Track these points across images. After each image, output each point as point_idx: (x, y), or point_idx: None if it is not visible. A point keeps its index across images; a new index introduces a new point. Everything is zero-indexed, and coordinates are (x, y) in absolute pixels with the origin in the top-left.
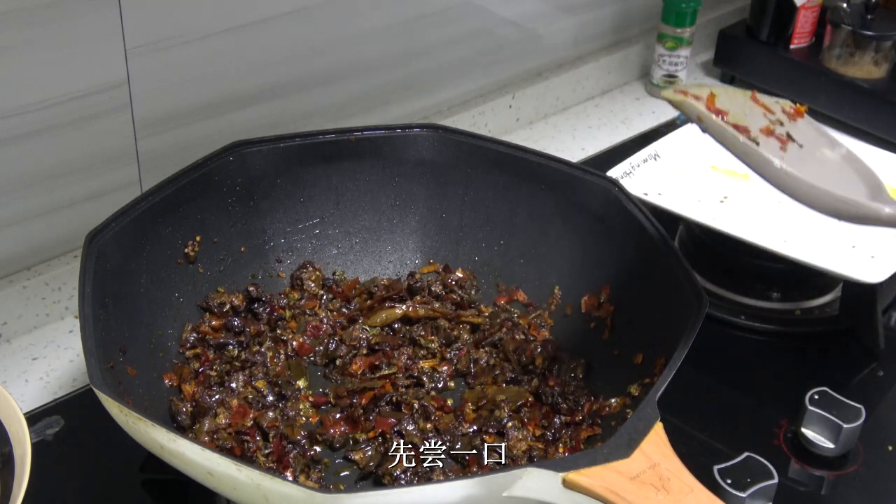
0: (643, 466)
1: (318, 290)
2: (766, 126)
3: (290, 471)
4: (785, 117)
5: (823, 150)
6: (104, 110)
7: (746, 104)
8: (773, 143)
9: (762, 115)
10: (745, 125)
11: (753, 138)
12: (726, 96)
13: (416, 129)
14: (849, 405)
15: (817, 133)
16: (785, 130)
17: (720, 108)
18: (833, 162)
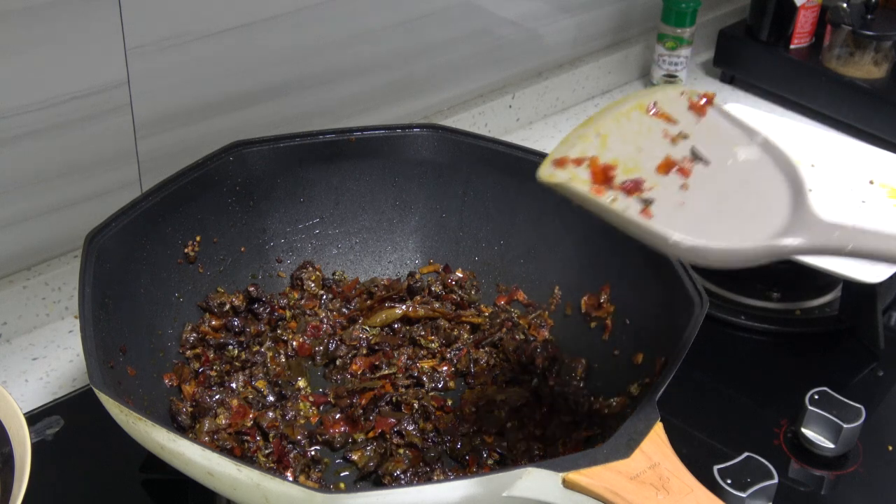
0: (643, 466)
1: (318, 290)
2: (664, 159)
3: (290, 471)
4: (691, 117)
5: (737, 150)
6: (104, 110)
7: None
8: (673, 182)
9: (662, 134)
10: (636, 177)
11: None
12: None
13: (416, 129)
14: (849, 405)
15: (729, 125)
16: (690, 146)
17: (607, 165)
18: (748, 164)
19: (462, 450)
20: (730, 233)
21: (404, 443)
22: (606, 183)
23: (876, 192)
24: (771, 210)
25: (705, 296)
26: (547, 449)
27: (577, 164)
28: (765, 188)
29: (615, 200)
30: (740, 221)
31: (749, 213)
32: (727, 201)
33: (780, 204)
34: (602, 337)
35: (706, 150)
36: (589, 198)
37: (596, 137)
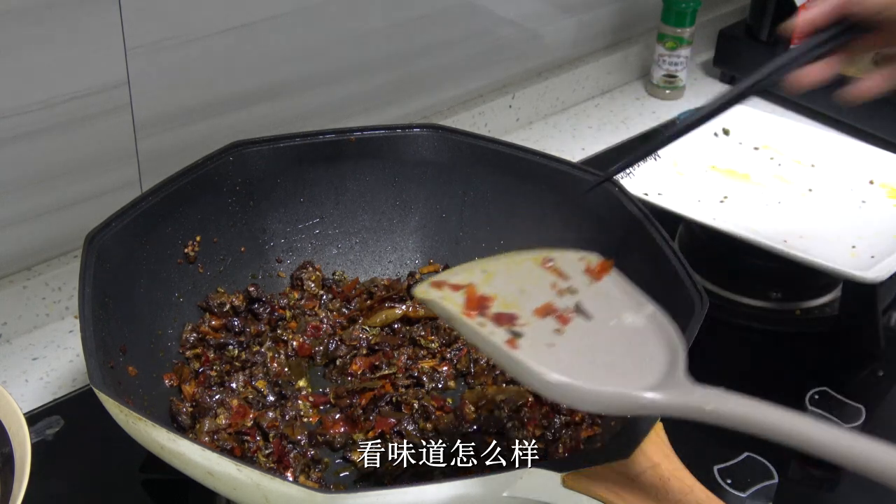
0: (643, 466)
1: (318, 290)
2: (544, 304)
3: (290, 471)
4: (585, 279)
5: (624, 315)
6: (104, 110)
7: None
8: (548, 325)
9: (550, 285)
10: (512, 312)
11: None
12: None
13: (416, 129)
14: (849, 405)
15: (622, 294)
16: (575, 301)
17: (484, 295)
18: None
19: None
20: (594, 377)
21: (404, 443)
22: (479, 310)
23: (876, 192)
24: (643, 370)
25: (705, 296)
26: (547, 449)
27: (454, 289)
28: (642, 351)
29: (483, 325)
30: (608, 372)
31: (620, 368)
32: (601, 353)
33: (654, 367)
34: None
35: (591, 307)
36: (457, 317)
37: (482, 273)
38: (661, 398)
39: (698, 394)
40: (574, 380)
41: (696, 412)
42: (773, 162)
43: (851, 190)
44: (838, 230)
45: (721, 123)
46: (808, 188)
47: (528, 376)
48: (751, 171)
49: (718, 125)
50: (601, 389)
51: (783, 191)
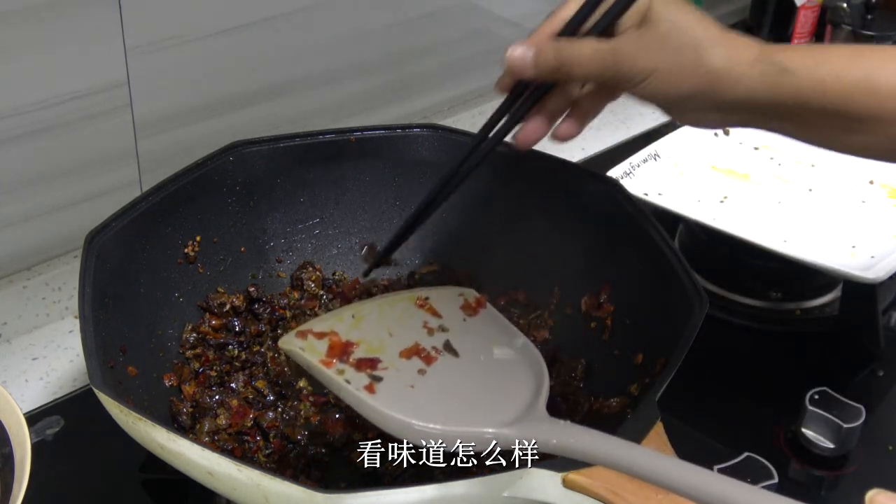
0: None
1: (318, 290)
2: (411, 345)
3: (290, 471)
4: (460, 314)
5: (494, 349)
6: (104, 110)
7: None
8: (412, 366)
9: (422, 324)
10: (374, 356)
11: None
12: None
13: (416, 129)
14: (849, 405)
15: (495, 328)
16: (444, 339)
17: (349, 341)
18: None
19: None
20: (445, 417)
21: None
22: (342, 357)
23: (876, 192)
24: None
25: (705, 296)
26: None
27: (319, 338)
28: (508, 385)
29: (342, 373)
30: (465, 409)
31: (480, 404)
32: (462, 391)
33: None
34: (602, 337)
35: (460, 344)
36: (315, 366)
37: (350, 318)
38: (507, 433)
39: (546, 427)
40: (420, 420)
41: (543, 446)
42: (773, 162)
43: (851, 190)
44: (838, 230)
45: None
46: (808, 188)
47: (380, 419)
48: (751, 171)
49: None
50: (447, 428)
51: (783, 191)
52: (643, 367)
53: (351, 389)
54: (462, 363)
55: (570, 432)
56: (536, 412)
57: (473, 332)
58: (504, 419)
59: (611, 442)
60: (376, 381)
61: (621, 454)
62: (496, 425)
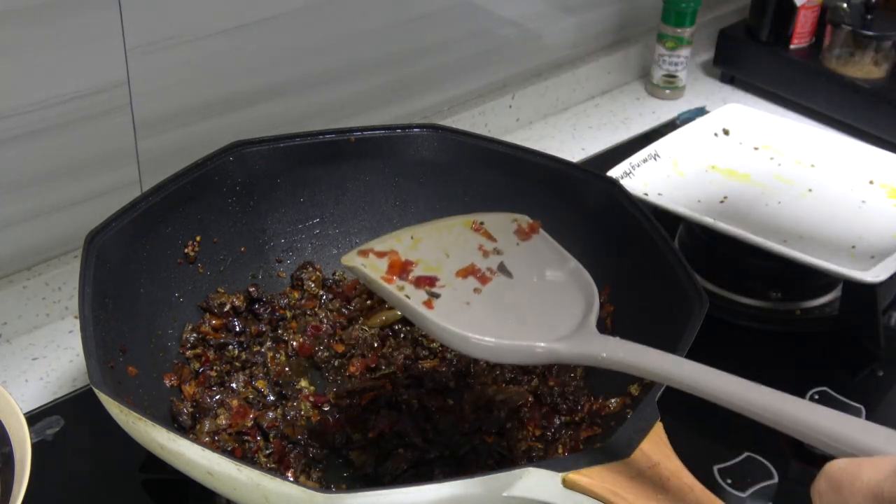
0: (643, 466)
1: (318, 290)
2: (467, 265)
3: (290, 471)
4: (514, 239)
5: (546, 272)
6: (104, 110)
7: (461, 237)
8: (468, 285)
9: (477, 247)
10: (432, 275)
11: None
12: (435, 236)
13: (416, 129)
14: (849, 405)
15: (547, 251)
16: (499, 261)
17: (409, 260)
18: (552, 284)
19: (462, 450)
20: (499, 331)
21: (404, 443)
22: (402, 275)
23: (876, 192)
24: (557, 322)
25: (705, 296)
26: (547, 449)
27: (379, 256)
28: (559, 305)
29: (402, 289)
30: (518, 325)
31: (532, 322)
32: (515, 309)
33: (567, 319)
34: None
35: (514, 266)
36: (376, 282)
37: (409, 239)
38: (557, 347)
39: (596, 343)
40: (476, 334)
41: (592, 359)
42: (773, 162)
43: (851, 190)
44: (838, 230)
45: (721, 123)
46: (808, 188)
47: (439, 332)
48: (751, 171)
49: (718, 125)
50: (501, 342)
51: (783, 191)
52: None
53: (411, 304)
54: (516, 283)
55: (619, 346)
56: (587, 329)
57: (527, 255)
58: (556, 336)
59: (658, 355)
60: (434, 298)
61: (667, 367)
62: (548, 340)
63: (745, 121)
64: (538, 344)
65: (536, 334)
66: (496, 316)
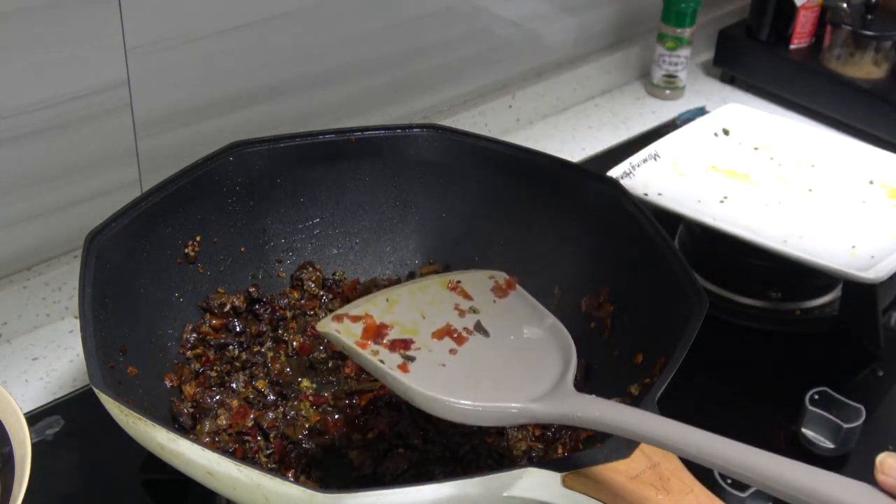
0: (643, 466)
1: (318, 290)
2: (443, 326)
3: (291, 471)
4: (490, 297)
5: (524, 329)
6: (104, 110)
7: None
8: (444, 346)
9: (453, 306)
10: (407, 338)
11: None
12: (410, 299)
13: (416, 129)
14: (849, 405)
15: (524, 308)
16: (475, 320)
17: (383, 323)
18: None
19: (462, 450)
20: (476, 393)
21: (404, 443)
22: (376, 339)
23: (876, 192)
24: (534, 381)
25: (705, 296)
26: (547, 449)
27: (354, 321)
28: (537, 364)
29: (376, 353)
30: (494, 386)
31: (509, 382)
32: (492, 369)
33: (546, 378)
34: (602, 337)
35: (491, 325)
36: (351, 349)
37: (384, 302)
38: (533, 408)
39: (571, 402)
40: (451, 397)
41: (567, 418)
42: (773, 162)
43: (851, 190)
44: (838, 230)
45: (721, 123)
46: (808, 188)
47: (413, 396)
48: (751, 171)
49: (718, 125)
50: (476, 405)
51: (783, 191)
52: (643, 367)
53: (385, 369)
54: (492, 343)
55: (594, 405)
56: (564, 388)
57: (504, 313)
58: (532, 395)
59: (634, 413)
60: (409, 361)
61: (642, 425)
62: (523, 401)
63: (745, 121)
64: (513, 405)
65: (512, 395)
66: (472, 377)
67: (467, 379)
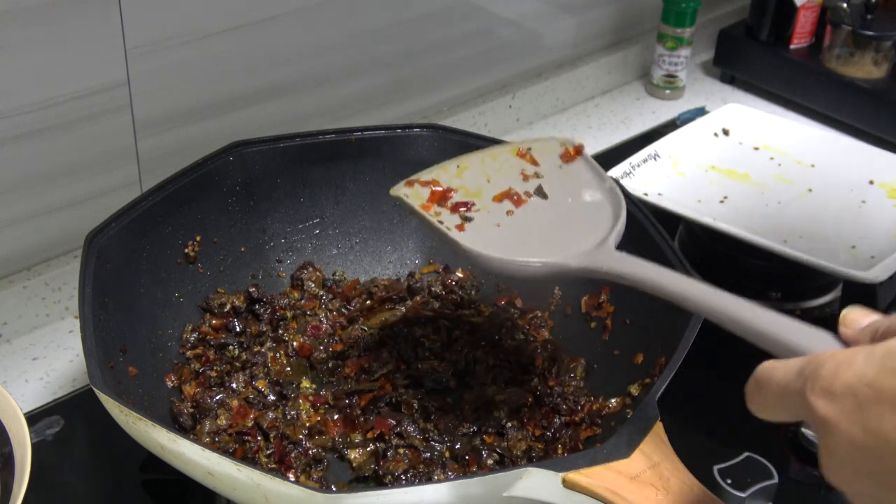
0: (643, 466)
1: (318, 290)
2: (505, 189)
3: (291, 471)
4: (557, 162)
5: (583, 192)
6: (104, 110)
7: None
8: (502, 207)
9: (519, 172)
10: (469, 200)
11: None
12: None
13: (416, 129)
14: None
15: (587, 172)
16: (537, 184)
17: (450, 188)
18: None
19: (462, 450)
20: (523, 250)
21: (404, 443)
22: (440, 202)
23: (876, 192)
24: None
25: None
26: (547, 449)
27: (423, 186)
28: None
29: (438, 215)
30: (540, 243)
31: (556, 240)
32: (544, 228)
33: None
34: (602, 337)
35: (551, 188)
36: (416, 211)
37: (455, 168)
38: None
39: (603, 257)
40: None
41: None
42: (773, 162)
43: (851, 190)
44: (838, 230)
45: (721, 123)
46: (808, 188)
47: (463, 253)
48: (751, 171)
49: (718, 125)
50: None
51: (783, 191)
52: (643, 367)
53: (441, 228)
54: (549, 204)
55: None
56: (604, 246)
57: (566, 178)
58: (574, 252)
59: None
60: (467, 221)
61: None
62: (560, 257)
63: (745, 121)
64: (548, 260)
65: (553, 252)
66: (521, 236)
67: (516, 237)
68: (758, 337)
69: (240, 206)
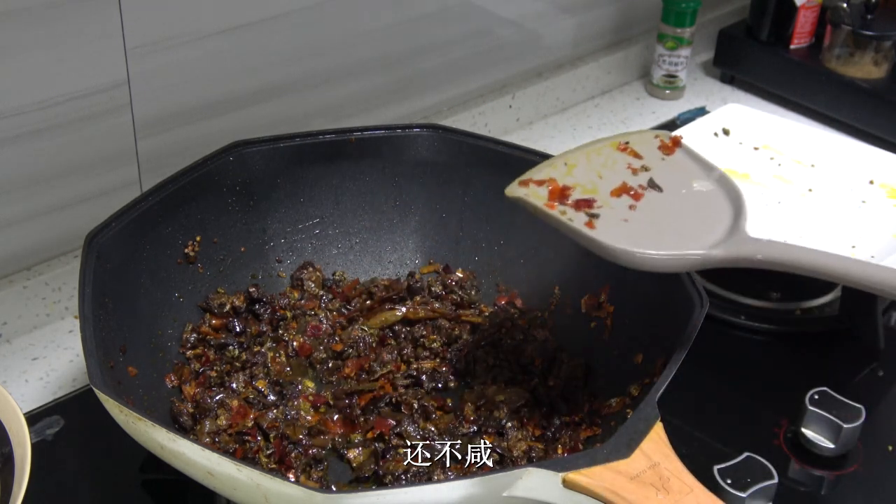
0: (643, 466)
1: (318, 290)
2: (620, 184)
3: (291, 471)
4: (658, 155)
5: (693, 182)
6: (104, 110)
7: (609, 158)
8: (623, 203)
9: (626, 166)
10: (589, 197)
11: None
12: (586, 161)
13: (416, 129)
14: (849, 405)
15: (692, 163)
16: (648, 177)
17: (566, 185)
18: (700, 194)
19: (462, 450)
20: (661, 243)
21: (404, 443)
22: (561, 200)
23: (876, 192)
24: (709, 229)
25: (705, 296)
26: (547, 449)
27: (539, 185)
28: (709, 212)
29: (564, 213)
30: (674, 236)
31: (687, 231)
32: (670, 221)
33: (719, 225)
34: (602, 337)
35: (662, 180)
36: (541, 209)
37: (563, 166)
38: (714, 253)
39: (750, 245)
40: (638, 248)
41: (747, 261)
42: (773, 162)
43: (851, 190)
44: (838, 230)
45: (721, 123)
46: (808, 188)
47: (604, 251)
48: (751, 171)
49: (718, 125)
50: (661, 253)
51: (783, 191)
52: (643, 367)
53: (575, 226)
54: (666, 197)
55: (772, 247)
56: (740, 234)
57: (673, 169)
58: (709, 242)
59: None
60: (594, 218)
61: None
62: (704, 248)
63: (745, 121)
64: (696, 252)
65: (692, 243)
66: (653, 230)
67: (649, 231)
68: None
69: (240, 206)
